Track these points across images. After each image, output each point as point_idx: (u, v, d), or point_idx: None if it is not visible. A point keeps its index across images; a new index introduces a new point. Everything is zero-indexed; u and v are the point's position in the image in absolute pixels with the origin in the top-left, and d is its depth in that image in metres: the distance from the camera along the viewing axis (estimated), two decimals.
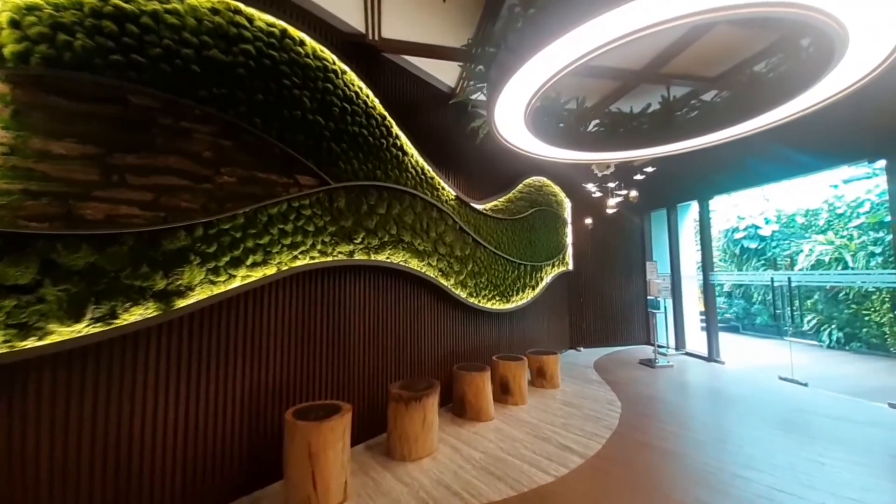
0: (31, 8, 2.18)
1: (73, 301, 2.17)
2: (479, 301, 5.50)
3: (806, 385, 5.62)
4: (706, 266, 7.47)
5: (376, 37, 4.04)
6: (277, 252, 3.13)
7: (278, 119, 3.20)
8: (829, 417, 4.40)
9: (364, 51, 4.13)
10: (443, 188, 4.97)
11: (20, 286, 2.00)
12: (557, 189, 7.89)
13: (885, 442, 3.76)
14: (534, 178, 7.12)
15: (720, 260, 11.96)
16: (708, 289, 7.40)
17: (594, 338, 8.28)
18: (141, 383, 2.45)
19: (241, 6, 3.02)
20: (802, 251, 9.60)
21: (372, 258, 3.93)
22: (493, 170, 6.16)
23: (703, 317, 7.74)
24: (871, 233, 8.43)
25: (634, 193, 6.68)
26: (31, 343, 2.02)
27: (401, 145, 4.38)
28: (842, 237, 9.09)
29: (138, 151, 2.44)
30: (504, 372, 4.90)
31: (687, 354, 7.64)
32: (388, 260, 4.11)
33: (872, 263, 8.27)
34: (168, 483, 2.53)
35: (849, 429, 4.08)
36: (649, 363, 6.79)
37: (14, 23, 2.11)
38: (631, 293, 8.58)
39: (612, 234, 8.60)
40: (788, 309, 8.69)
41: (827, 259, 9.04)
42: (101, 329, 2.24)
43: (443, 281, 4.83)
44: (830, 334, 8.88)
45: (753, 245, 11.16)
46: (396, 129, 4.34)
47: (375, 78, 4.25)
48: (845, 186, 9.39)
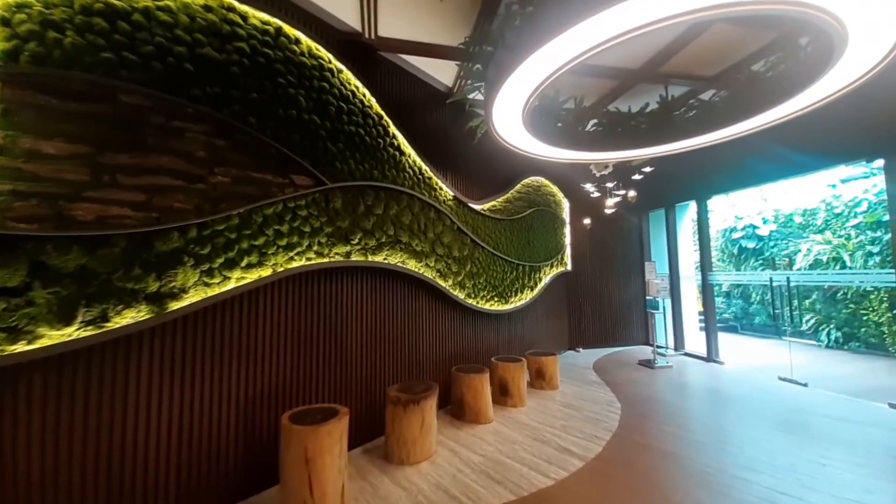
0: (21, 5, 2.14)
1: (64, 304, 2.12)
2: (478, 302, 5.47)
3: (805, 385, 5.61)
4: (704, 266, 7.47)
5: (372, 35, 4.01)
6: (273, 253, 3.09)
7: (273, 118, 3.16)
8: (830, 418, 4.38)
9: (360, 49, 4.10)
10: (440, 188, 4.94)
11: (9, 289, 1.96)
12: (556, 189, 7.87)
13: (886, 443, 3.74)
14: (532, 179, 7.09)
15: (718, 260, 11.97)
16: (706, 289, 7.39)
17: (593, 338, 8.25)
18: (134, 387, 2.41)
19: (235, 4, 2.98)
20: (800, 251, 9.61)
21: (369, 259, 3.89)
22: (491, 170, 6.12)
23: (702, 317, 7.73)
24: (869, 232, 8.44)
25: (633, 193, 6.66)
26: (21, 347, 1.98)
27: (398, 145, 4.34)
28: (839, 237, 9.10)
29: (130, 151, 2.40)
30: (503, 373, 4.87)
31: (686, 355, 7.63)
32: (386, 261, 4.07)
33: (870, 263, 8.28)
34: (162, 489, 2.49)
35: (849, 429, 4.06)
36: (648, 364, 6.77)
37: (3, 21, 2.07)
38: (629, 293, 8.57)
39: (611, 235, 8.58)
40: (787, 309, 8.71)
41: (825, 259, 9.05)
42: (93, 332, 2.20)
43: (441, 282, 4.80)
44: (829, 334, 8.89)
45: (751, 245, 11.18)
46: (393, 129, 4.31)
47: (372, 77, 4.22)
48: (843, 186, 9.41)
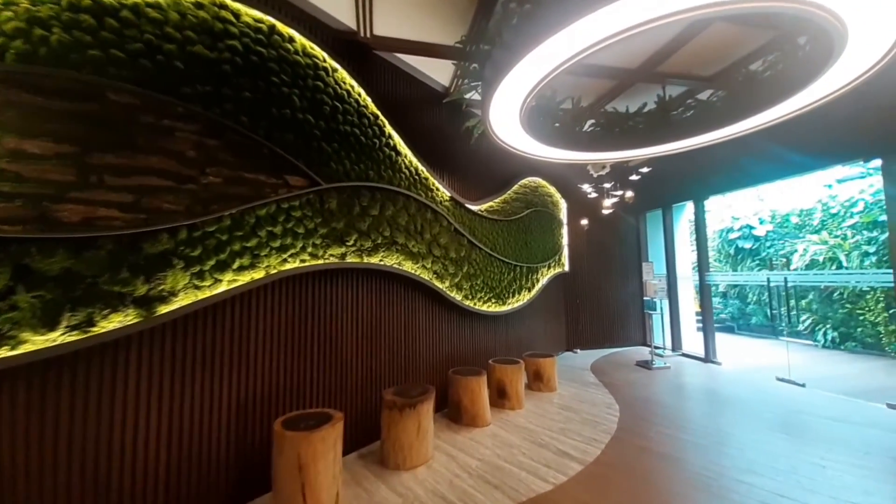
0: (8, 3, 2.08)
1: (48, 308, 2.06)
2: (475, 303, 5.42)
3: (803, 386, 5.59)
4: (702, 266, 7.46)
5: (368, 34, 3.96)
6: (266, 255, 3.03)
7: (266, 118, 3.10)
8: (829, 419, 4.36)
9: (355, 48, 4.04)
10: (437, 189, 4.89)
11: None
12: (553, 190, 7.84)
13: (886, 443, 3.72)
14: (529, 179, 7.06)
15: (715, 260, 11.98)
16: (704, 289, 7.38)
17: (591, 339, 8.22)
18: (121, 393, 2.34)
19: (228, 1, 2.92)
20: (797, 251, 9.63)
21: (365, 261, 3.84)
22: (488, 170, 6.08)
23: (699, 317, 7.71)
24: (865, 232, 8.46)
25: (630, 194, 6.64)
26: (4, 353, 1.92)
27: (394, 145, 4.29)
28: (836, 237, 9.12)
29: (118, 151, 2.33)
30: (500, 376, 4.82)
31: (683, 355, 7.61)
32: (382, 262, 4.02)
33: (866, 263, 8.30)
34: (150, 497, 2.42)
35: (848, 430, 4.04)
36: (646, 365, 6.74)
37: None
38: (627, 294, 8.55)
39: (608, 235, 8.56)
40: (784, 309, 8.71)
41: (821, 259, 9.06)
42: (78, 337, 2.14)
43: (437, 283, 4.74)
44: (825, 334, 8.90)
45: (748, 245, 11.19)
46: (389, 129, 4.26)
47: (367, 76, 4.16)
48: (839, 186, 9.43)
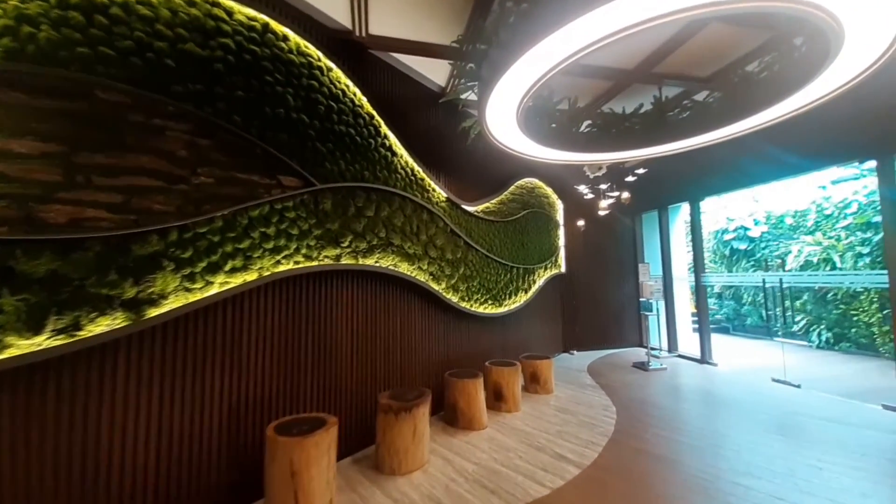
0: None
1: (33, 312, 2.00)
2: (471, 305, 5.38)
3: (799, 387, 5.60)
4: (698, 268, 7.47)
5: (363, 33, 3.92)
6: (259, 256, 2.98)
7: (259, 117, 3.05)
8: (825, 420, 4.36)
9: (351, 47, 4.00)
10: (433, 190, 4.85)
11: None
12: (549, 191, 7.83)
13: (882, 445, 3.72)
14: (526, 180, 7.04)
15: (710, 261, 12.03)
16: (700, 290, 7.39)
17: (587, 341, 8.21)
18: (109, 398, 2.28)
19: None
20: (791, 252, 9.68)
21: (360, 262, 3.79)
22: (485, 171, 6.05)
23: (695, 318, 7.72)
24: (859, 233, 8.51)
25: (626, 195, 6.63)
26: None
27: (389, 146, 4.25)
28: (830, 238, 9.17)
29: (106, 150, 2.28)
30: (497, 378, 4.79)
31: (679, 357, 7.61)
32: (377, 264, 3.97)
33: (860, 264, 8.34)
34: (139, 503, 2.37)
35: (845, 432, 4.04)
36: (643, 366, 6.73)
37: None
38: (623, 295, 8.55)
39: (605, 236, 8.56)
40: (779, 310, 8.74)
41: (815, 260, 9.11)
42: (65, 341, 2.08)
43: (434, 285, 4.71)
44: (820, 335, 8.95)
45: (743, 246, 11.24)
46: (385, 129, 4.22)
47: (363, 76, 4.12)
48: (833, 187, 9.48)
